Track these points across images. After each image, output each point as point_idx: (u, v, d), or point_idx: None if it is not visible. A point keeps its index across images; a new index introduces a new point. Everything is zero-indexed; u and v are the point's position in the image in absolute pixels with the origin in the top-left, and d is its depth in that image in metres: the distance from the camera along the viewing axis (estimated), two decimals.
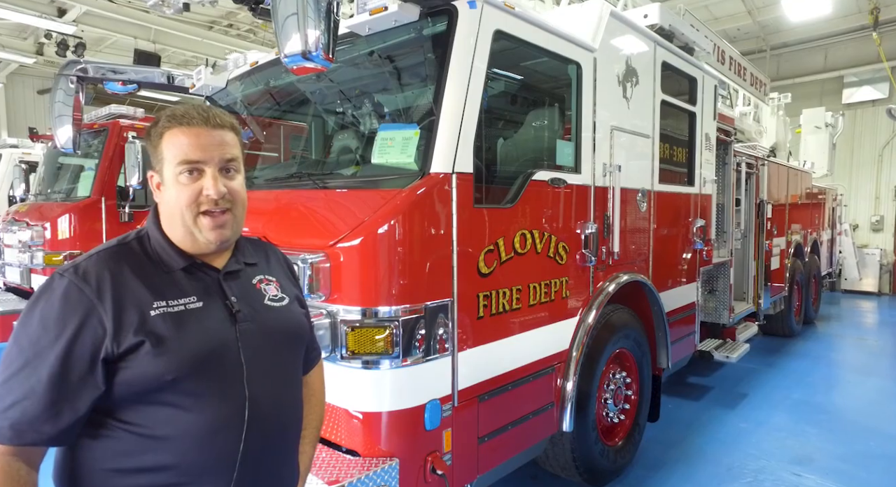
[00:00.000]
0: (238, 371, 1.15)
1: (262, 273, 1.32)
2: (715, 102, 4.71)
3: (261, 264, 1.34)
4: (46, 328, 1.03)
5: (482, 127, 2.38)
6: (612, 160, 3.22)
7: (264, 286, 1.29)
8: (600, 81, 3.11)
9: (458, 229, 2.23)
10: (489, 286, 2.41)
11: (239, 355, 1.15)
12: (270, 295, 1.29)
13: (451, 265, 2.22)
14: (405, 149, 2.25)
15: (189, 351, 1.08)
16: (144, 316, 1.07)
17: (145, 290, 1.10)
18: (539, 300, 2.73)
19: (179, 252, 1.18)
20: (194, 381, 1.08)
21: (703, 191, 4.52)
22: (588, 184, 3.06)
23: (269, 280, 1.31)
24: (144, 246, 1.19)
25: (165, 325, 1.08)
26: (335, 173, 2.62)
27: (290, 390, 1.28)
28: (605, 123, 3.19)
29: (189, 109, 1.16)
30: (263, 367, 1.19)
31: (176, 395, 1.07)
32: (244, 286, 1.25)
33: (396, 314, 2.05)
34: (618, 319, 3.43)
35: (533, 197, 2.65)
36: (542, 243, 2.72)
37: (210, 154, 1.14)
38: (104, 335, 1.03)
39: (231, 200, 1.17)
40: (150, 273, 1.14)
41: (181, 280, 1.16)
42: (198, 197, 1.14)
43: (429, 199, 2.13)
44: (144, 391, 1.06)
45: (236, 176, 1.20)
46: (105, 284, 1.07)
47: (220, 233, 1.17)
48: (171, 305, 1.11)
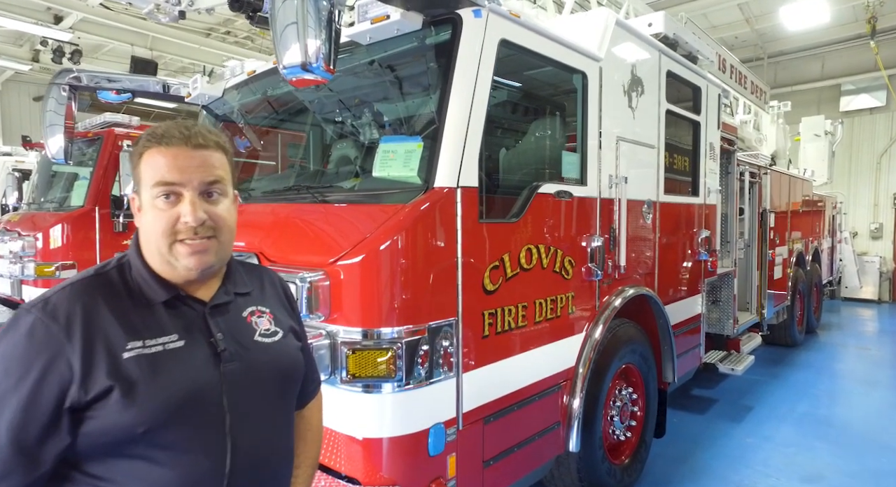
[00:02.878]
0: (219, 418, 1.03)
1: (255, 303, 1.21)
2: (719, 111, 4.66)
3: (254, 293, 1.23)
4: (8, 371, 0.92)
5: (487, 139, 2.30)
6: (617, 171, 3.15)
7: (256, 319, 1.18)
8: (606, 91, 3.04)
9: (463, 245, 2.14)
10: (495, 303, 2.32)
11: (221, 400, 1.04)
12: (262, 330, 1.17)
13: (456, 283, 2.13)
14: (408, 163, 2.17)
15: (163, 399, 0.97)
16: (116, 358, 0.96)
17: (120, 328, 0.99)
18: (545, 316, 2.64)
19: (162, 282, 1.08)
20: (169, 432, 0.98)
21: (707, 201, 4.45)
22: (594, 196, 2.99)
23: (261, 311, 1.20)
24: (125, 275, 1.08)
25: (139, 369, 0.97)
26: (335, 186, 2.53)
27: (280, 435, 1.17)
28: (611, 134, 3.12)
29: (170, 127, 1.06)
30: (250, 412, 1.09)
31: (148, 448, 0.96)
32: (233, 320, 1.14)
33: (399, 335, 1.96)
34: (624, 334, 3.34)
35: (539, 210, 2.57)
36: (547, 258, 2.63)
37: (188, 176, 1.04)
38: (71, 380, 0.93)
39: (214, 227, 1.06)
40: (128, 307, 1.03)
41: (162, 315, 1.05)
42: (175, 223, 1.03)
43: (433, 215, 2.05)
44: (113, 443, 0.95)
45: (221, 200, 1.09)
46: (76, 321, 0.96)
47: (200, 259, 1.06)
48: (148, 345, 1.00)
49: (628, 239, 3.28)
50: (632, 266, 3.37)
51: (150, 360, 0.99)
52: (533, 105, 3.01)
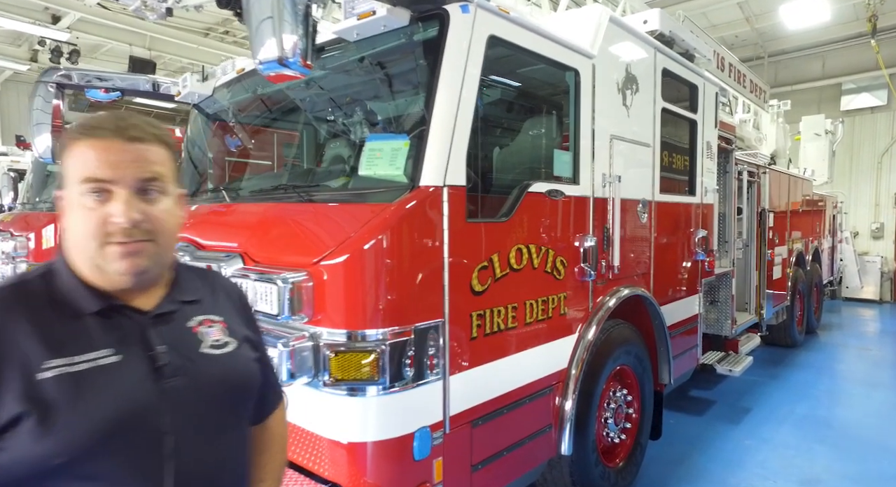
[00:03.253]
0: (157, 442, 0.93)
1: (205, 312, 1.10)
2: (716, 110, 4.61)
3: (205, 301, 1.12)
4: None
5: (476, 137, 2.26)
6: (611, 170, 3.11)
7: (205, 329, 1.07)
8: (599, 89, 3.00)
9: (451, 245, 2.10)
10: (483, 304, 2.28)
11: (161, 421, 0.93)
12: (212, 341, 1.07)
13: (443, 283, 2.09)
14: (394, 161, 2.13)
15: (88, 425, 0.85)
16: (30, 379, 0.85)
17: (39, 344, 0.88)
18: (536, 317, 2.60)
19: (94, 291, 0.96)
20: (96, 462, 0.86)
21: (704, 200, 4.40)
22: (587, 195, 2.94)
23: (212, 321, 1.09)
24: (50, 284, 0.97)
25: (60, 390, 0.85)
26: (321, 185, 2.49)
27: (232, 453, 1.08)
28: (605, 132, 3.08)
29: (103, 119, 0.96)
30: (197, 431, 0.99)
31: (70, 481, 0.85)
32: (178, 331, 1.04)
33: (384, 337, 1.92)
34: (618, 335, 3.30)
35: (529, 209, 2.53)
36: (539, 258, 2.59)
37: (121, 172, 0.93)
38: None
39: (150, 230, 0.96)
40: (51, 320, 0.92)
41: (93, 327, 0.94)
42: (105, 224, 0.93)
43: (419, 214, 2.00)
44: (26, 478, 0.84)
45: (159, 199, 0.99)
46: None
47: (132, 263, 0.95)
48: (75, 362, 0.88)
49: (622, 238, 3.23)
50: (626, 266, 3.32)
51: (74, 380, 0.87)
52: (524, 103, 2.97)
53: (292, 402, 2.14)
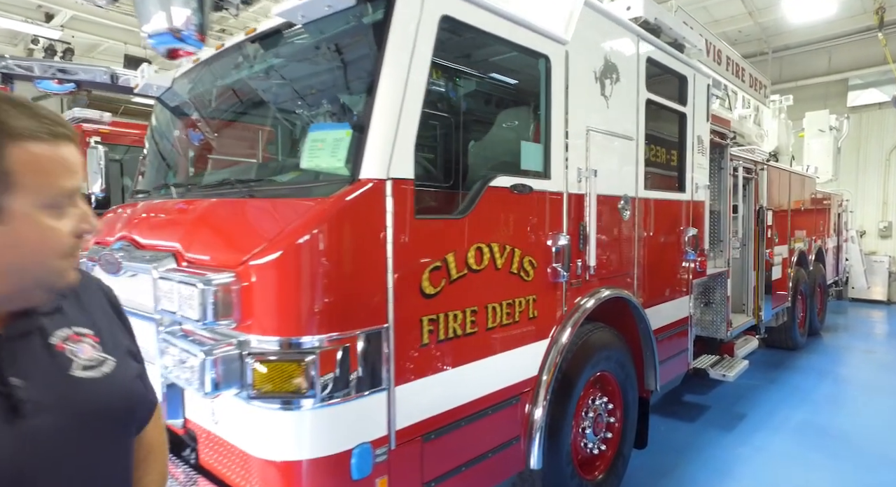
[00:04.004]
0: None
1: (71, 323, 0.92)
2: (708, 102, 4.40)
3: (68, 309, 0.94)
4: None
5: (429, 127, 2.09)
6: (588, 164, 2.92)
7: (73, 346, 0.90)
8: (573, 77, 2.81)
9: (395, 244, 1.92)
10: (436, 308, 2.10)
11: (15, 472, 0.75)
12: (83, 360, 0.89)
13: (386, 285, 1.91)
14: (335, 152, 1.96)
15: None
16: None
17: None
18: (500, 322, 2.42)
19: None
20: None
21: (695, 197, 4.20)
22: (560, 190, 2.75)
23: (80, 334, 0.92)
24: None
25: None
26: (263, 179, 2.32)
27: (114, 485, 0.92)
28: (580, 124, 2.89)
29: (55, 118, 0.86)
30: (68, 474, 0.82)
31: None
32: (38, 353, 0.85)
33: (319, 344, 1.75)
34: (598, 339, 3.11)
35: (491, 206, 2.35)
36: (502, 258, 2.41)
37: (78, 178, 0.88)
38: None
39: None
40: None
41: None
42: (74, 236, 0.87)
43: (357, 209, 1.83)
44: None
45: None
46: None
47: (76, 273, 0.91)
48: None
49: (601, 237, 3.04)
50: (605, 266, 3.13)
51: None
52: (489, 91, 2.79)
53: (220, 416, 1.98)
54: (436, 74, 2.14)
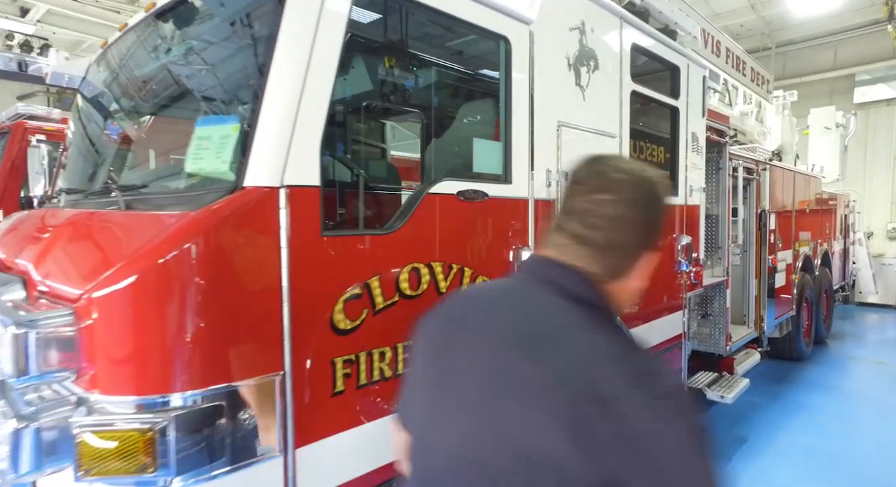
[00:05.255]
0: None
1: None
2: (704, 96, 3.98)
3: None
4: None
5: (349, 124, 1.67)
6: (559, 165, 2.50)
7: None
8: (540, 63, 2.39)
9: (293, 268, 1.51)
10: (354, 347, 1.69)
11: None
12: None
13: (281, 322, 1.50)
14: (220, 153, 1.55)
15: None
16: None
17: None
18: None
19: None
20: None
21: (689, 201, 3.77)
22: (523, 196, 2.34)
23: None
24: None
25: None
26: (143, 186, 1.91)
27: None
28: (550, 118, 2.47)
29: None
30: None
31: None
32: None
33: (184, 403, 1.34)
34: None
35: (431, 217, 1.93)
36: (448, 279, 1.99)
37: None
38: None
39: None
40: None
41: None
42: None
43: (235, 225, 1.42)
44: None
45: None
46: None
47: None
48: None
49: None
50: None
51: None
52: (432, 79, 2.37)
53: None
54: (355, 58, 1.72)
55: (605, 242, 0.88)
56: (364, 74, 1.86)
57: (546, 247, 0.95)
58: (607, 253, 0.88)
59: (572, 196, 0.92)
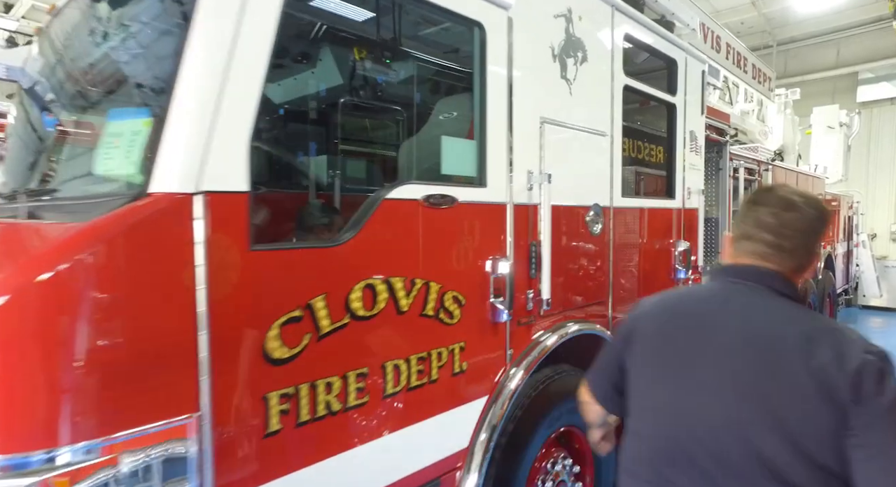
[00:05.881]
0: None
1: None
2: (703, 92, 3.74)
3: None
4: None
5: (290, 120, 1.43)
6: (541, 165, 2.26)
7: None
8: (520, 53, 2.15)
9: (213, 289, 1.27)
10: (292, 378, 1.45)
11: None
12: None
13: (196, 353, 1.26)
14: (129, 153, 1.31)
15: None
16: None
17: None
18: (406, 384, 1.76)
19: None
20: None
21: (687, 204, 3.53)
22: (500, 201, 2.10)
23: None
24: None
25: None
26: (52, 191, 1.68)
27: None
28: (531, 114, 2.23)
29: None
30: None
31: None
32: None
33: (70, 460, 1.10)
34: (560, 388, 2.46)
35: (390, 225, 1.69)
36: (411, 296, 1.75)
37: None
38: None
39: None
40: None
41: None
42: None
43: (131, 240, 1.17)
44: None
45: None
46: None
47: None
48: None
49: (560, 259, 2.39)
50: (569, 296, 2.48)
51: None
52: (395, 71, 2.13)
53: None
54: (297, 40, 1.48)
55: (794, 248, 1.16)
56: (311, 60, 1.62)
57: (741, 256, 1.20)
58: (795, 256, 1.16)
59: (760, 214, 1.18)
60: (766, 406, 0.99)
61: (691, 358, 1.14)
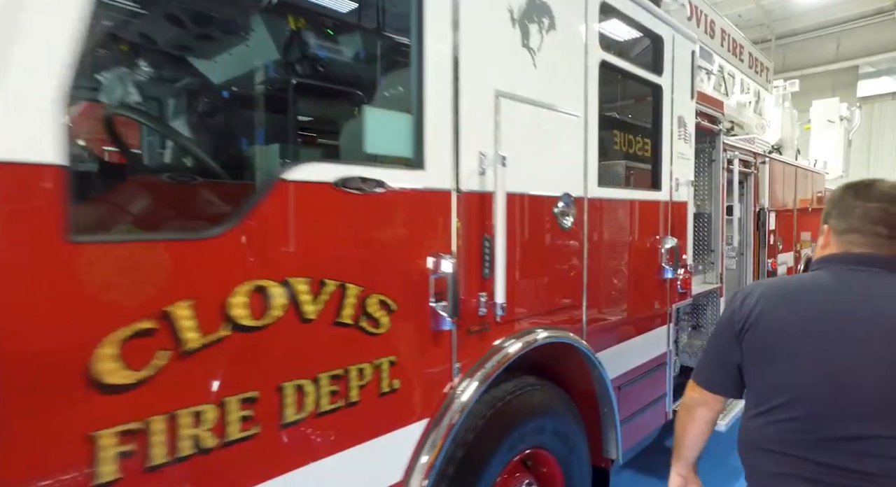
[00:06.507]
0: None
1: None
2: (693, 74, 3.41)
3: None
4: None
5: (144, 74, 1.10)
6: (497, 145, 1.93)
7: None
8: (469, 14, 1.82)
9: (8, 295, 0.94)
10: (139, 409, 1.12)
11: None
12: None
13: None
14: None
15: None
16: None
17: None
18: (316, 409, 1.43)
19: None
20: None
21: (675, 197, 3.21)
22: (443, 187, 1.77)
23: None
24: None
25: None
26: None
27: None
28: (483, 86, 1.90)
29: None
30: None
31: None
32: None
33: None
34: (524, 404, 2.13)
35: (287, 214, 1.36)
36: (319, 301, 1.42)
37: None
38: None
39: None
40: None
41: None
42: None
43: None
44: None
45: None
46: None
47: None
48: None
49: (520, 257, 2.06)
50: (528, 300, 2.15)
51: None
52: (303, 21, 1.79)
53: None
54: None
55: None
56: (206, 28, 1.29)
57: (853, 247, 1.36)
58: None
59: (869, 210, 1.34)
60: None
61: (838, 338, 1.25)
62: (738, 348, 1.39)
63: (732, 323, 1.41)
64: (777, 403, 1.30)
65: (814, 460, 1.23)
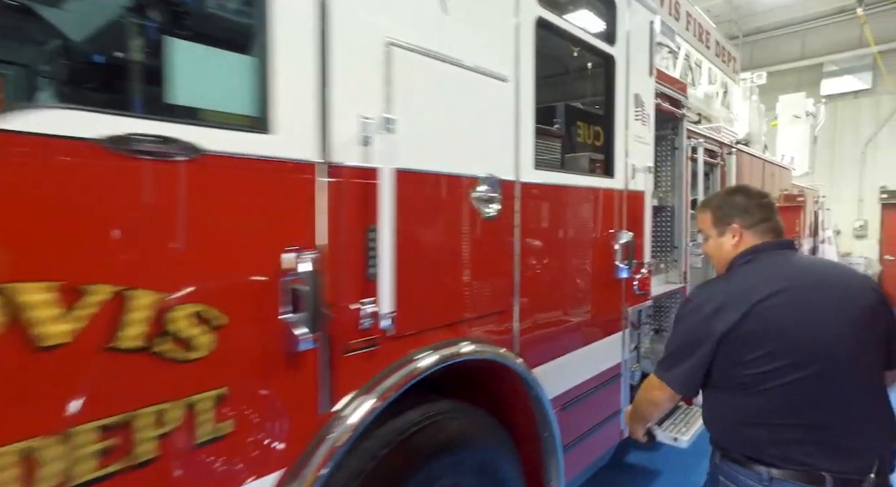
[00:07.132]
0: None
1: None
2: (651, 48, 3.03)
3: None
4: None
5: None
6: (388, 107, 1.48)
7: None
8: None
9: None
10: None
11: None
12: None
13: None
14: None
15: None
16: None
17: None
18: (91, 468, 0.95)
19: None
20: None
21: (630, 185, 2.82)
22: (301, 159, 1.31)
23: None
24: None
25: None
26: None
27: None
28: (366, 32, 1.45)
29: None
30: None
31: None
32: None
33: None
34: (432, 438, 1.69)
35: (14, 182, 0.88)
36: (71, 316, 0.95)
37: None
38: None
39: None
40: None
41: None
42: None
43: None
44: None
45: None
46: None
47: None
48: None
49: (417, 255, 1.62)
50: (434, 308, 1.70)
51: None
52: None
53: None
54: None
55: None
56: None
57: (765, 235, 1.67)
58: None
59: (761, 202, 1.70)
60: (867, 322, 1.50)
61: (814, 309, 1.49)
62: (713, 355, 1.52)
63: (710, 334, 1.51)
64: (773, 376, 1.45)
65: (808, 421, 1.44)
